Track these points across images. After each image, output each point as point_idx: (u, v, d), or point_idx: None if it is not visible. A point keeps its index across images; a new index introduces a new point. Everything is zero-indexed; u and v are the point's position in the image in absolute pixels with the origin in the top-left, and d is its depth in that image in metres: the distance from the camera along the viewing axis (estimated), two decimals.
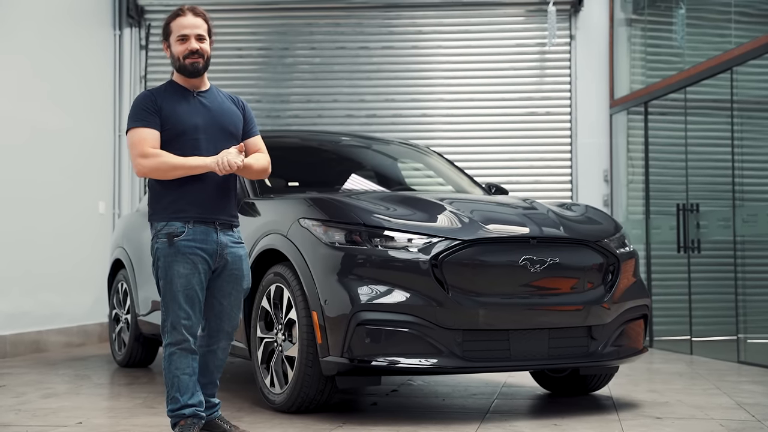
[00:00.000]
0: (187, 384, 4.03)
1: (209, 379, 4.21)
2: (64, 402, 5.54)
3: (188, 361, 4.02)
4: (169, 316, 3.99)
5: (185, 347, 4.01)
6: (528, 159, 10.20)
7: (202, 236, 3.99)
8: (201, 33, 4.07)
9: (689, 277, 8.47)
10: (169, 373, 4.04)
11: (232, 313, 4.16)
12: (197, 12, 4.12)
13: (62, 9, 9.16)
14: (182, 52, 4.04)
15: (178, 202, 3.98)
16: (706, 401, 5.53)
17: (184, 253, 3.95)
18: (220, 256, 4.04)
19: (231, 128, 4.13)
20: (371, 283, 4.63)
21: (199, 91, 4.13)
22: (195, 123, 4.02)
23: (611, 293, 5.05)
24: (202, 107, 4.08)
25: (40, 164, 8.60)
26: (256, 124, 4.31)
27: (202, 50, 4.05)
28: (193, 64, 4.05)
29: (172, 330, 3.99)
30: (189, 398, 4.02)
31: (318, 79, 10.41)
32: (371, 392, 5.87)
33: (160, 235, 4.00)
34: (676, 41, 9.12)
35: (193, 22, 4.07)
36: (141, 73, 10.47)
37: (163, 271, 3.99)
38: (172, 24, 4.10)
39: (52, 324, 8.74)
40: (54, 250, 8.76)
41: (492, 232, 4.87)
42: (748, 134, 7.88)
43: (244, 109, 4.27)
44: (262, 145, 4.28)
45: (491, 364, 4.82)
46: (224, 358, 4.25)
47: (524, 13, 10.35)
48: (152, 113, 3.99)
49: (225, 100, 4.20)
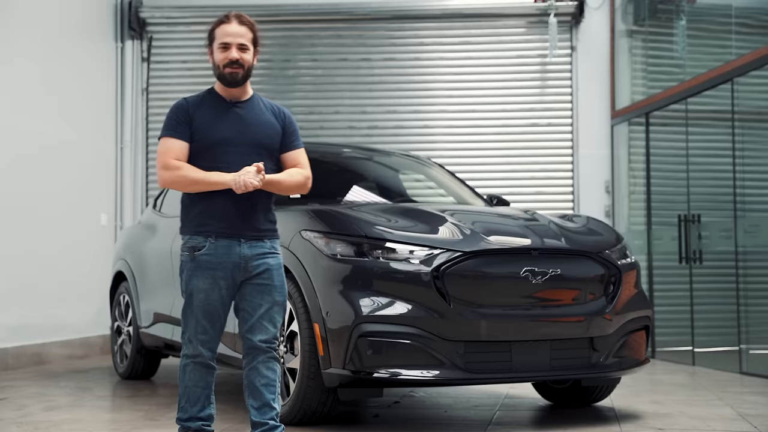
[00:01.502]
0: (198, 396, 3.96)
1: (262, 401, 3.92)
2: (66, 415, 5.53)
3: (202, 374, 3.95)
4: (187, 329, 3.94)
5: (199, 361, 3.94)
6: (529, 170, 10.20)
7: (225, 250, 3.88)
8: (244, 42, 3.94)
9: (691, 287, 8.46)
10: (182, 383, 3.97)
11: (265, 327, 3.94)
12: (243, 20, 3.98)
13: (64, 21, 9.19)
14: (222, 60, 3.93)
15: (203, 216, 3.90)
16: (709, 412, 5.52)
17: (204, 268, 3.88)
18: (245, 269, 3.90)
19: (265, 141, 3.98)
20: (373, 294, 4.63)
21: (238, 101, 4.02)
22: (225, 136, 3.92)
23: (613, 304, 5.05)
24: (236, 119, 3.96)
25: (42, 176, 8.61)
26: (298, 137, 4.12)
27: (242, 60, 3.93)
28: (232, 74, 3.93)
29: (188, 343, 3.94)
30: (198, 411, 3.97)
31: (320, 90, 10.43)
32: (373, 404, 5.86)
33: (184, 248, 3.95)
34: (677, 52, 9.13)
35: (237, 30, 3.94)
36: (143, 85, 10.50)
37: (184, 284, 3.94)
38: (217, 30, 3.98)
39: (54, 336, 8.74)
40: (56, 263, 8.77)
41: (493, 244, 4.88)
42: (749, 145, 7.89)
43: (285, 120, 4.08)
44: (302, 159, 4.08)
45: (493, 375, 4.82)
46: (272, 377, 3.95)
47: (525, 25, 10.38)
48: (183, 123, 3.91)
49: (264, 111, 4.05)
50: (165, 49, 10.59)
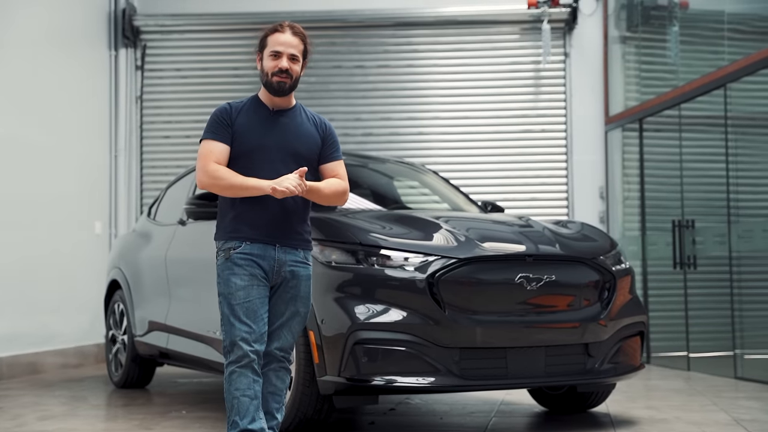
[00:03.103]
0: (247, 407, 3.76)
1: (266, 408, 3.88)
2: (61, 424, 5.52)
3: (248, 381, 3.77)
4: (229, 333, 3.79)
5: (245, 363, 3.76)
6: (523, 176, 10.22)
7: (260, 251, 3.84)
8: (294, 53, 3.95)
9: (686, 293, 8.47)
10: (229, 395, 3.79)
11: (284, 336, 3.89)
12: (296, 31, 4.00)
13: (58, 30, 9.19)
14: (272, 68, 3.94)
15: (238, 222, 3.87)
16: (704, 417, 5.53)
17: (240, 264, 3.82)
18: (278, 273, 3.86)
19: (303, 151, 3.95)
20: (368, 302, 4.63)
21: (280, 110, 4.00)
22: (264, 143, 3.90)
23: (607, 310, 5.05)
24: (277, 127, 3.95)
25: (36, 184, 8.60)
26: (338, 148, 4.09)
27: (291, 70, 3.94)
28: (279, 83, 3.93)
29: (232, 346, 3.77)
30: (249, 422, 3.76)
31: (314, 98, 10.42)
32: (369, 411, 5.86)
33: (219, 252, 3.91)
34: (670, 58, 9.16)
35: (289, 40, 3.96)
36: (137, 93, 10.48)
37: (223, 285, 3.85)
38: (270, 38, 4.00)
39: (48, 345, 8.72)
40: (50, 271, 8.75)
41: (488, 250, 4.88)
42: (742, 150, 7.91)
43: (325, 132, 4.06)
44: (341, 171, 4.05)
45: (489, 382, 4.83)
46: (281, 386, 3.91)
47: (519, 31, 10.40)
48: (225, 126, 3.90)
49: (305, 121, 4.03)
50: (159, 57, 10.59)
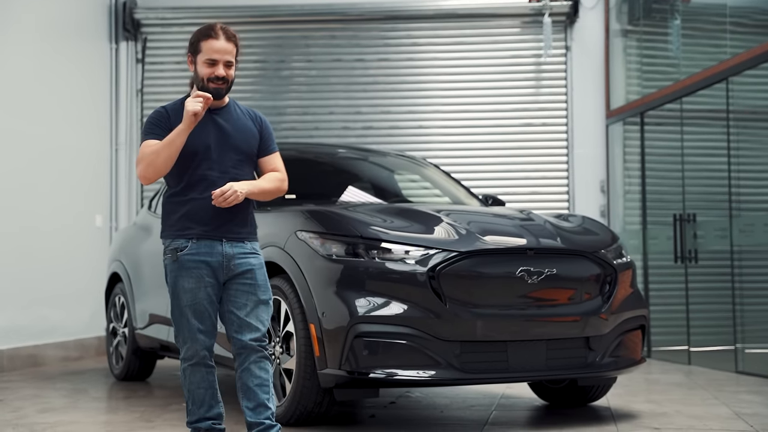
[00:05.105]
0: (203, 397, 4.02)
1: (256, 401, 3.95)
2: (62, 416, 5.52)
3: (202, 375, 4.01)
4: (180, 332, 3.99)
5: (197, 361, 3.99)
6: (525, 170, 10.21)
7: (207, 249, 3.95)
8: (230, 60, 3.98)
9: (687, 287, 8.47)
10: (185, 387, 4.05)
11: (253, 326, 3.96)
12: (229, 36, 4.00)
13: (58, 23, 9.17)
14: (208, 74, 3.96)
15: (184, 220, 3.97)
16: (705, 412, 5.53)
17: (188, 267, 3.94)
18: (227, 268, 3.97)
19: (243, 147, 4.06)
20: (369, 295, 4.63)
21: (215, 108, 4.05)
22: (206, 143, 3.97)
23: (609, 304, 5.05)
24: (215, 126, 4.02)
25: (37, 178, 8.59)
26: (274, 141, 4.20)
27: (227, 76, 3.98)
28: (216, 89, 3.97)
29: (183, 345, 3.99)
30: (206, 411, 4.04)
31: (314, 91, 10.42)
32: (369, 404, 5.86)
33: (166, 251, 4.03)
34: (671, 52, 9.14)
35: (224, 47, 3.96)
36: (137, 86, 10.48)
37: (171, 286, 4.00)
38: (203, 44, 3.98)
39: (49, 338, 8.72)
40: (51, 264, 8.75)
41: (489, 244, 4.87)
42: (744, 144, 7.90)
43: (262, 125, 4.17)
44: (278, 163, 4.16)
45: (489, 375, 4.82)
46: (265, 376, 3.97)
47: (520, 25, 10.38)
48: (163, 129, 3.95)
49: (241, 116, 4.12)
50: (159, 50, 10.57)
